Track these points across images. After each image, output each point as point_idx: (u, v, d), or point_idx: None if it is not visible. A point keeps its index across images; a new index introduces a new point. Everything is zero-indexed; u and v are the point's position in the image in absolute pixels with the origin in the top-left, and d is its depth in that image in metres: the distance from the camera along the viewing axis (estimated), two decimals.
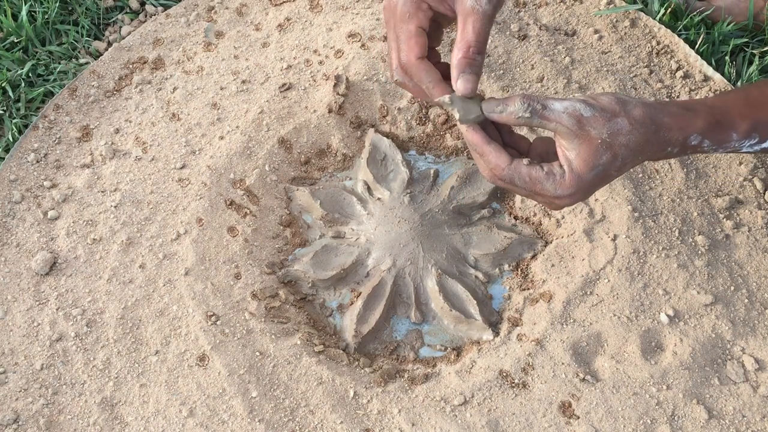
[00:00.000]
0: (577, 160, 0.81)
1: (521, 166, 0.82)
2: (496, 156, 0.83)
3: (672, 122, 0.83)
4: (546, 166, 0.82)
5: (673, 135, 0.84)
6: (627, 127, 0.81)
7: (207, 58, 1.26)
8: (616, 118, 0.80)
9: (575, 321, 1.01)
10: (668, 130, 0.83)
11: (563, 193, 0.82)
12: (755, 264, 1.06)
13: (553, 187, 0.82)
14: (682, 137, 0.84)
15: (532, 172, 0.82)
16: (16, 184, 1.14)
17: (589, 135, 0.80)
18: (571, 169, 0.81)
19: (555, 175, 0.82)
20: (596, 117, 0.80)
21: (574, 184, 0.82)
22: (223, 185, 1.13)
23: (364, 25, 1.25)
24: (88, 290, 1.06)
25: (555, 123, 0.80)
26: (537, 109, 0.80)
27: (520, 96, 0.81)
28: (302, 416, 0.97)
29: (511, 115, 0.81)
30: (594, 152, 0.80)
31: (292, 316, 1.06)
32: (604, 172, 0.82)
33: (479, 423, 0.95)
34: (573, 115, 0.80)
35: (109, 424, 0.97)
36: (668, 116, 0.83)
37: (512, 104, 0.81)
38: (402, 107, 1.20)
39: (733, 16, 1.27)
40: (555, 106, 0.80)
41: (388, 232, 1.10)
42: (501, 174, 0.83)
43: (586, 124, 0.80)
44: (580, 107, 0.80)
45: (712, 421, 0.95)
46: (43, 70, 1.28)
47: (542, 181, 0.82)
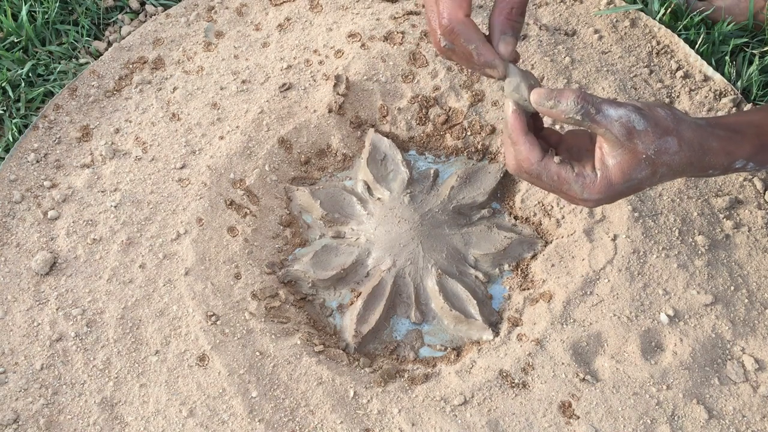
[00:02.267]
0: (614, 168, 0.78)
1: (552, 164, 0.80)
2: (529, 149, 0.80)
3: (719, 147, 0.81)
4: (577, 168, 0.80)
5: (719, 160, 0.81)
6: (675, 148, 0.78)
7: (207, 58, 1.26)
8: (666, 136, 0.78)
9: (575, 321, 1.01)
10: (715, 155, 0.81)
11: (590, 197, 0.80)
12: (755, 264, 1.06)
13: (580, 189, 0.80)
14: (727, 162, 0.82)
15: (562, 172, 0.80)
16: (16, 184, 1.14)
17: (636, 148, 0.77)
18: (605, 175, 0.79)
19: (585, 178, 0.80)
20: (648, 132, 0.77)
21: (603, 191, 0.79)
22: (223, 185, 1.13)
23: (364, 25, 1.25)
24: (88, 290, 1.06)
25: (605, 129, 0.77)
26: (590, 113, 0.77)
27: (575, 94, 0.77)
28: (302, 416, 0.97)
29: (561, 113, 0.78)
30: (635, 166, 0.78)
31: (292, 316, 1.06)
32: (638, 185, 0.80)
33: (479, 423, 0.95)
34: (625, 125, 0.76)
35: (109, 424, 0.97)
36: (717, 140, 0.81)
37: (565, 101, 0.77)
38: (402, 107, 1.20)
39: (734, 15, 1.27)
40: (609, 113, 0.76)
41: (388, 232, 1.10)
42: (529, 168, 0.81)
43: (636, 137, 0.77)
44: (634, 119, 0.77)
45: (712, 421, 0.95)
46: (43, 70, 1.28)
47: (571, 183, 0.80)
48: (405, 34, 1.24)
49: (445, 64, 1.21)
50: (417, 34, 1.24)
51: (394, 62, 1.21)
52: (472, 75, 1.21)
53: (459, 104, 1.19)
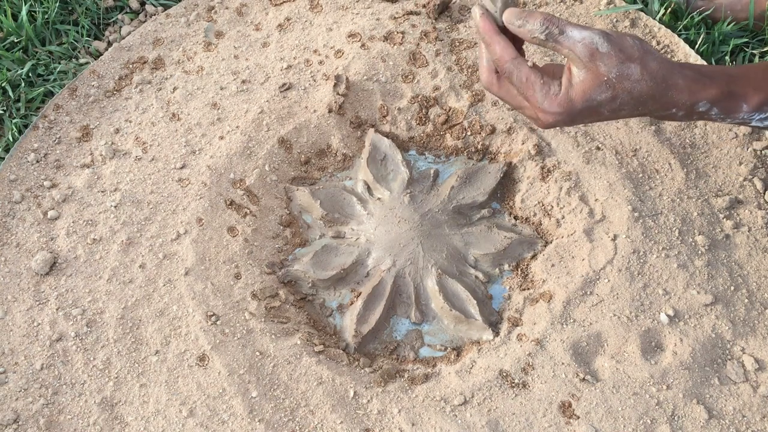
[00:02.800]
0: (577, 86, 0.81)
1: (524, 64, 0.82)
2: (503, 47, 0.83)
3: (684, 84, 0.83)
4: (545, 78, 0.82)
5: (682, 97, 0.83)
6: (637, 75, 0.80)
7: (207, 58, 1.26)
8: (630, 62, 0.80)
9: (575, 321, 1.01)
10: (679, 91, 0.83)
11: (549, 108, 0.82)
12: (755, 264, 1.06)
13: (542, 97, 0.82)
14: (690, 102, 0.84)
15: (531, 75, 0.82)
16: (16, 184, 1.14)
17: (598, 70, 0.80)
18: (567, 91, 0.81)
19: (550, 88, 0.82)
20: (611, 55, 0.79)
21: (563, 105, 0.82)
22: (223, 185, 1.13)
23: (364, 25, 1.25)
24: (88, 290, 1.06)
25: (568, 50, 0.80)
26: (554, 34, 0.80)
27: (542, 16, 0.80)
28: (302, 416, 0.97)
29: (528, 33, 0.81)
30: (595, 86, 0.80)
31: (292, 316, 1.06)
32: (598, 108, 0.82)
33: (479, 423, 0.95)
34: (588, 46, 0.79)
35: (109, 424, 0.97)
36: (682, 78, 0.83)
37: (532, 22, 0.80)
38: (402, 107, 1.20)
39: (734, 13, 1.27)
40: (573, 34, 0.80)
41: (388, 232, 1.10)
42: (503, 66, 0.83)
43: (598, 59, 0.79)
44: (598, 41, 0.79)
45: (712, 421, 0.95)
46: (43, 70, 1.28)
47: (536, 88, 0.82)
48: (405, 34, 1.24)
49: (445, 64, 1.21)
50: (417, 34, 1.24)
51: (394, 62, 1.21)
52: (472, 75, 1.21)
53: (459, 104, 1.19)
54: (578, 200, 1.10)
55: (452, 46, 1.23)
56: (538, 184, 1.13)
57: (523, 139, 1.16)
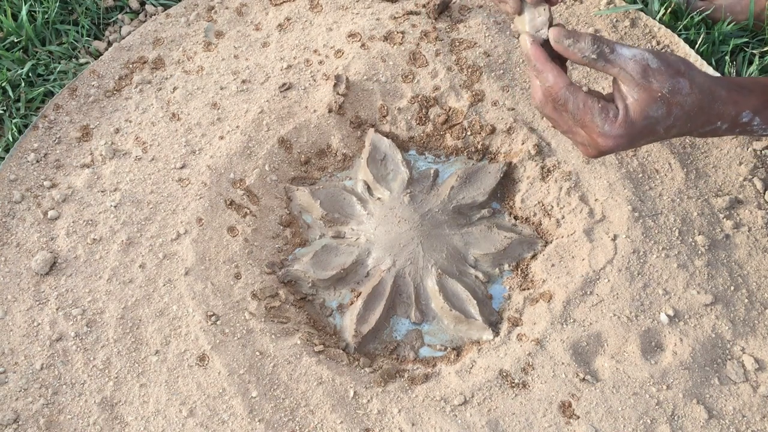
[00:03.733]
0: (633, 105, 0.81)
1: (580, 90, 0.82)
2: (557, 74, 0.83)
3: (727, 95, 0.84)
4: (603, 102, 0.82)
5: (727, 109, 0.85)
6: (687, 89, 0.81)
7: (207, 58, 1.26)
8: (679, 77, 0.81)
9: (575, 321, 1.01)
10: (723, 102, 0.84)
11: (610, 131, 0.82)
12: (755, 264, 1.06)
13: (602, 121, 0.82)
14: (734, 112, 0.85)
15: (588, 100, 0.82)
16: (16, 184, 1.14)
17: (651, 86, 0.80)
18: (626, 112, 0.81)
19: (609, 111, 0.82)
20: (662, 70, 0.80)
21: (623, 127, 0.82)
22: (223, 185, 1.13)
23: (364, 25, 1.25)
24: (88, 290, 1.06)
25: (619, 69, 0.81)
26: (605, 53, 0.80)
27: (592, 36, 0.81)
28: (302, 416, 0.97)
29: (578, 53, 0.81)
30: (651, 103, 0.81)
31: (292, 316, 1.06)
32: (655, 125, 0.82)
33: (479, 423, 0.95)
34: (640, 63, 0.80)
35: (109, 424, 0.97)
36: (725, 89, 0.85)
37: (582, 41, 0.81)
38: (402, 107, 1.20)
39: (734, 14, 1.27)
40: (623, 52, 0.80)
41: (388, 232, 1.10)
42: (557, 93, 0.82)
43: (651, 75, 0.80)
44: (648, 57, 0.80)
45: (712, 421, 0.95)
46: (43, 70, 1.28)
47: (594, 113, 0.82)
48: (405, 34, 1.24)
49: (445, 64, 1.21)
50: (417, 34, 1.24)
51: (394, 62, 1.21)
52: (472, 75, 1.21)
53: (459, 104, 1.19)
54: (578, 200, 1.10)
55: (452, 46, 1.23)
56: (538, 184, 1.13)
57: (523, 139, 1.16)
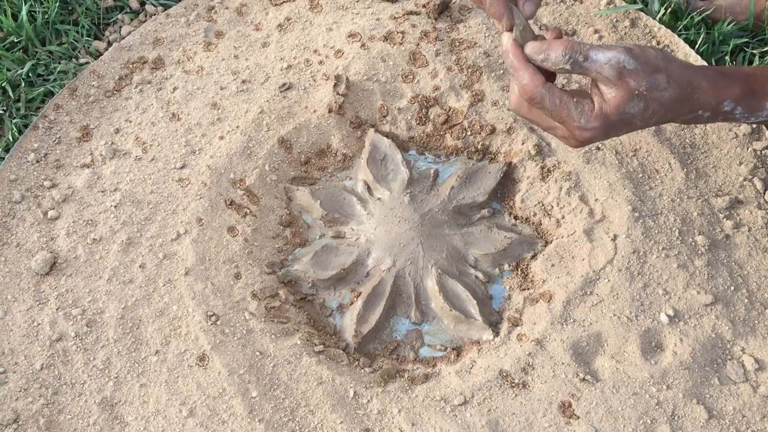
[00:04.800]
0: (611, 101, 0.83)
1: (555, 88, 0.85)
2: (533, 73, 0.85)
3: (708, 86, 0.85)
4: (576, 97, 0.85)
5: (707, 98, 0.86)
6: (664, 84, 0.83)
7: (207, 58, 1.26)
8: (656, 73, 0.83)
9: (575, 321, 1.01)
10: (704, 92, 0.85)
11: (586, 124, 0.84)
12: (755, 264, 1.06)
13: (578, 114, 0.84)
14: (715, 102, 0.86)
15: (564, 96, 0.85)
16: (16, 184, 1.14)
17: (628, 85, 0.82)
18: (601, 106, 0.84)
19: (584, 106, 0.84)
20: (638, 70, 0.82)
21: (599, 120, 0.84)
22: (223, 185, 1.13)
23: (364, 25, 1.25)
24: (88, 290, 1.06)
25: (596, 72, 0.82)
26: (578, 61, 0.82)
27: (564, 45, 0.82)
28: (302, 416, 0.97)
29: (552, 65, 0.83)
30: (628, 99, 0.83)
31: (292, 316, 1.06)
32: (631, 119, 0.85)
33: (479, 423, 0.95)
34: (615, 67, 0.82)
35: (109, 424, 0.97)
36: (705, 80, 0.85)
37: (554, 53, 0.82)
38: (402, 107, 1.20)
39: (734, 15, 1.27)
40: (598, 57, 0.82)
41: (388, 232, 1.10)
42: (533, 92, 0.84)
43: (627, 76, 0.82)
44: (624, 59, 0.82)
45: (712, 421, 0.95)
46: (43, 70, 1.28)
47: (570, 108, 0.84)
48: (405, 34, 1.24)
49: (445, 64, 1.21)
50: (417, 34, 1.24)
51: (394, 62, 1.21)
52: (472, 75, 1.21)
53: (459, 104, 1.19)
54: (578, 200, 1.10)
55: (452, 46, 1.23)
56: (538, 184, 1.13)
57: (523, 139, 1.16)
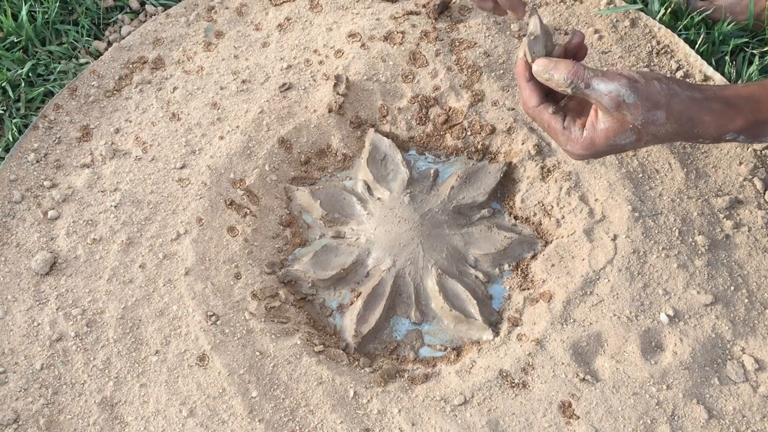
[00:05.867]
0: (601, 132, 0.85)
1: (545, 112, 0.89)
2: (528, 94, 0.89)
3: (711, 120, 0.85)
4: (567, 121, 0.88)
5: (708, 131, 0.85)
6: (662, 120, 0.83)
7: (207, 58, 1.26)
8: (656, 109, 0.83)
9: (575, 321, 1.01)
10: (705, 126, 0.85)
11: (572, 150, 0.88)
12: (755, 264, 1.06)
13: (564, 140, 0.88)
14: (717, 134, 0.86)
15: (552, 122, 0.88)
16: (16, 184, 1.14)
17: (624, 118, 0.83)
18: (590, 136, 0.86)
19: (571, 133, 0.87)
20: (637, 105, 0.82)
21: (586, 147, 0.87)
22: (223, 185, 1.13)
23: (364, 25, 1.25)
24: (88, 290, 1.06)
25: (595, 100, 0.84)
26: (579, 87, 0.83)
27: (568, 69, 0.84)
28: (302, 416, 0.97)
29: (554, 84, 0.85)
30: (620, 132, 0.84)
31: (292, 316, 1.06)
32: (621, 149, 0.86)
33: (479, 423, 0.95)
34: (614, 99, 0.82)
35: (109, 424, 0.97)
36: (709, 114, 0.85)
37: (558, 74, 0.85)
38: (402, 107, 1.20)
39: (734, 15, 1.27)
40: (599, 87, 0.83)
41: (388, 232, 1.10)
42: (526, 110, 0.91)
43: (624, 109, 0.82)
44: (624, 93, 0.82)
45: (712, 421, 0.95)
46: (43, 70, 1.28)
47: (557, 133, 0.88)
48: (405, 34, 1.24)
49: (445, 64, 1.21)
50: (417, 34, 1.24)
51: (394, 62, 1.21)
52: (472, 75, 1.21)
53: (459, 104, 1.19)
54: (578, 200, 1.10)
55: (452, 46, 1.23)
56: (538, 184, 1.13)
57: (523, 139, 1.16)
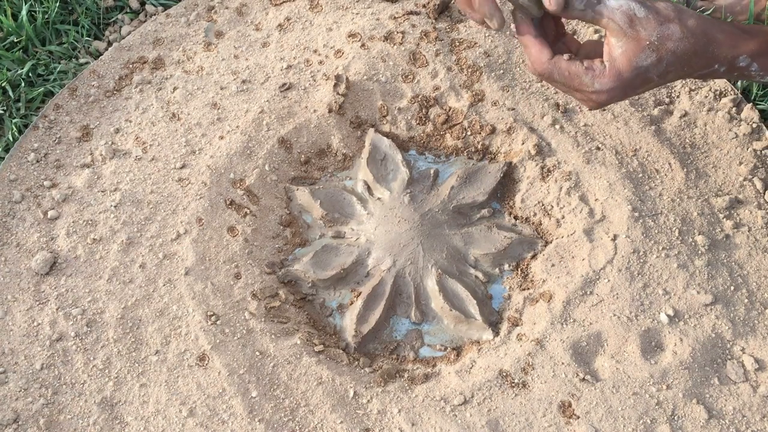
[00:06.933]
0: (621, 57, 0.83)
1: (561, 61, 0.86)
2: (538, 50, 0.86)
3: (724, 39, 0.85)
4: (586, 62, 0.85)
5: (722, 52, 0.85)
6: (678, 34, 0.82)
7: (207, 58, 1.26)
8: (668, 23, 0.82)
9: (575, 321, 1.01)
10: (719, 45, 0.85)
11: (601, 87, 0.85)
12: (755, 264, 1.06)
13: (591, 80, 0.85)
14: (731, 56, 0.86)
15: (572, 67, 0.85)
16: (16, 184, 1.14)
17: (639, 35, 0.82)
18: (613, 65, 0.83)
19: (594, 69, 0.85)
20: (649, 18, 0.82)
21: (613, 79, 0.84)
22: (223, 185, 1.13)
23: (364, 25, 1.25)
24: (88, 290, 1.06)
25: (607, 19, 0.82)
26: (592, 3, 0.82)
27: None
28: (302, 416, 0.97)
29: (569, 11, 0.84)
30: (639, 52, 0.82)
31: (292, 316, 1.06)
32: (646, 74, 0.84)
33: (479, 423, 0.95)
34: (626, 13, 0.82)
35: (109, 424, 0.97)
36: (721, 33, 0.85)
37: None
38: (402, 107, 1.20)
39: (734, 15, 1.27)
40: (610, 3, 0.82)
41: (388, 231, 1.10)
42: (541, 68, 0.87)
43: (638, 24, 0.81)
44: (634, 7, 0.82)
45: (712, 421, 0.95)
46: (43, 70, 1.28)
47: (581, 76, 0.85)
48: (405, 34, 1.24)
49: (445, 64, 1.21)
50: (417, 34, 1.24)
51: (394, 62, 1.21)
52: (473, 75, 1.21)
53: (459, 104, 1.19)
54: (578, 200, 1.10)
55: (452, 46, 1.23)
56: (538, 184, 1.13)
57: (523, 139, 1.16)
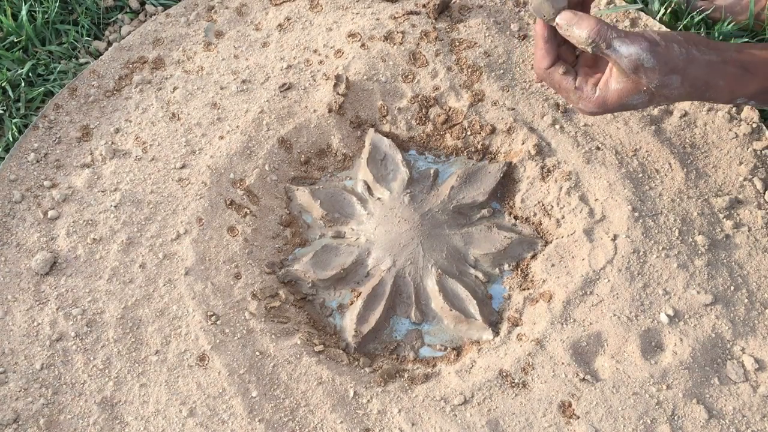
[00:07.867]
0: (614, 92, 0.86)
1: (556, 73, 0.89)
2: (541, 56, 0.90)
3: (725, 84, 0.86)
4: (579, 81, 0.89)
5: (720, 96, 0.87)
6: (676, 84, 0.84)
7: (207, 58, 1.26)
8: (672, 74, 0.83)
9: (575, 321, 1.01)
10: (718, 91, 0.86)
11: (584, 107, 0.90)
12: (755, 264, 1.06)
13: (576, 99, 0.89)
14: (729, 98, 0.87)
15: (563, 82, 0.89)
16: (16, 184, 1.14)
17: (640, 81, 0.84)
18: (603, 95, 0.87)
19: (583, 92, 0.88)
20: (654, 70, 0.83)
21: (597, 106, 0.88)
22: (223, 185, 1.13)
23: (364, 25, 1.25)
24: (88, 290, 1.06)
25: (614, 61, 0.84)
26: (600, 47, 0.84)
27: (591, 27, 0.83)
28: (302, 416, 0.97)
29: (575, 39, 0.85)
30: (633, 92, 0.85)
31: (292, 316, 1.06)
32: (632, 107, 0.87)
33: (479, 423, 0.95)
34: (634, 62, 0.83)
35: (109, 424, 0.97)
36: (723, 78, 0.85)
37: (581, 30, 0.84)
38: (402, 107, 1.20)
39: (734, 15, 1.27)
40: (620, 49, 0.83)
41: (388, 231, 1.10)
42: (538, 73, 0.92)
43: (641, 72, 0.83)
44: (644, 58, 0.82)
45: (712, 421, 0.95)
46: (43, 70, 1.28)
47: (569, 92, 0.89)
48: (405, 34, 1.24)
49: (445, 64, 1.21)
50: (417, 34, 1.24)
51: (394, 62, 1.21)
52: (472, 75, 1.21)
53: (459, 104, 1.19)
54: (578, 200, 1.10)
55: (452, 46, 1.23)
56: (538, 184, 1.13)
57: (523, 139, 1.16)
